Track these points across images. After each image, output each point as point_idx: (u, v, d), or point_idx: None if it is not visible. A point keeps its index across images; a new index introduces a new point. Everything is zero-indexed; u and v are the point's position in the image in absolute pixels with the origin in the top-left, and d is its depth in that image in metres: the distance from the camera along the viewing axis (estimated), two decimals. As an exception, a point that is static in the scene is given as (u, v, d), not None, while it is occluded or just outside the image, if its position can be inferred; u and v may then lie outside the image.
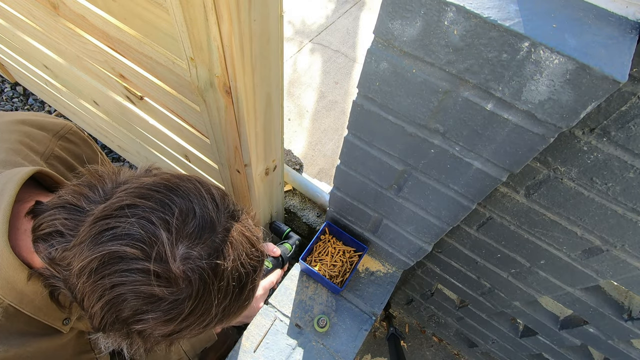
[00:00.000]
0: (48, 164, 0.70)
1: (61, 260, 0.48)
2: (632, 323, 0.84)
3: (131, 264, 0.44)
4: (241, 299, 0.54)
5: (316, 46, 2.77)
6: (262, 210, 1.33)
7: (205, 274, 0.47)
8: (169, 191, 0.49)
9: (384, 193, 0.91)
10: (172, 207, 0.48)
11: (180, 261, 0.46)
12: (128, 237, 0.45)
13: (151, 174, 0.55)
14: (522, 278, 0.97)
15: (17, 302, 0.53)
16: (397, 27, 0.54)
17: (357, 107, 0.72)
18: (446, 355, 1.94)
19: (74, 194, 0.52)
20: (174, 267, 0.45)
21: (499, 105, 0.54)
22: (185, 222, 0.48)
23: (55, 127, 0.74)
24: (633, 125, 0.54)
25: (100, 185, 0.52)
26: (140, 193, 0.48)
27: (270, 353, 1.07)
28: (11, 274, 0.51)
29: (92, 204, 0.50)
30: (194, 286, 0.46)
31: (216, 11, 0.61)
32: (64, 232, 0.49)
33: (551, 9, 0.47)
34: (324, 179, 2.09)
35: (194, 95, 0.87)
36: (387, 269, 1.24)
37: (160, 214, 0.46)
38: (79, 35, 0.98)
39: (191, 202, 0.49)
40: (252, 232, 0.56)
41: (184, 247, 0.46)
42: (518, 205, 0.78)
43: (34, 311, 0.55)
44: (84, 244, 0.46)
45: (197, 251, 0.47)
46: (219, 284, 0.49)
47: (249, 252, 0.53)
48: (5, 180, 0.53)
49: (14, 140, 0.66)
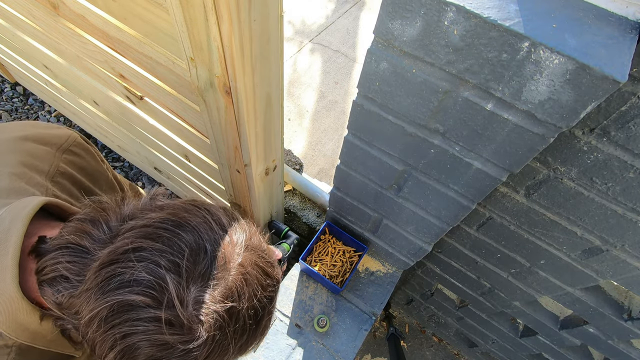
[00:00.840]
0: (53, 182, 0.68)
1: (69, 307, 0.47)
2: (632, 323, 0.84)
3: (141, 312, 0.43)
4: (258, 332, 0.53)
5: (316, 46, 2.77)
6: (262, 210, 1.33)
7: (221, 318, 0.45)
8: (177, 228, 0.47)
9: (384, 193, 0.91)
10: (181, 246, 0.46)
11: (192, 306, 0.44)
12: (136, 284, 0.43)
13: (157, 206, 0.52)
14: (522, 278, 0.97)
15: (31, 341, 0.52)
16: (397, 27, 0.54)
17: (357, 107, 0.72)
18: (446, 355, 1.94)
19: (77, 232, 0.50)
20: (187, 314, 0.43)
21: (499, 105, 0.54)
22: (197, 263, 0.45)
23: (58, 140, 0.72)
24: (633, 125, 0.54)
25: (104, 221, 0.50)
26: (147, 233, 0.46)
27: (270, 353, 1.07)
28: (24, 318, 0.50)
29: (96, 242, 0.49)
30: (208, 332, 0.44)
31: (216, 11, 0.61)
32: (70, 277, 0.47)
33: (551, 9, 0.47)
34: (324, 179, 2.09)
35: (194, 95, 0.87)
36: (387, 269, 1.24)
37: (169, 256, 0.45)
38: (79, 35, 0.98)
39: (201, 239, 0.47)
40: (265, 260, 0.54)
41: (197, 291, 0.44)
42: (518, 205, 0.78)
43: (47, 344, 0.55)
44: (91, 291, 0.44)
45: (210, 294, 0.45)
46: (235, 326, 0.47)
47: (264, 284, 0.51)
48: (12, 217, 0.52)
49: (16, 162, 0.64)
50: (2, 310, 0.48)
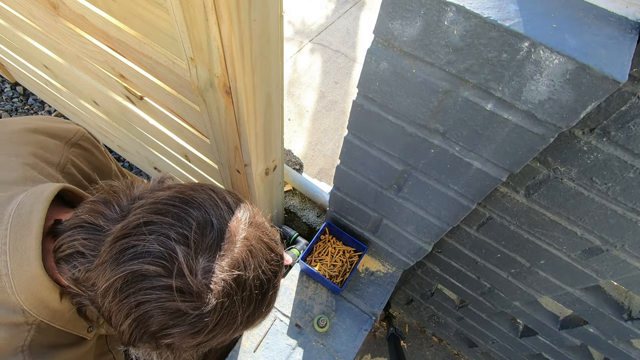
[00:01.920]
0: (64, 174, 0.70)
1: (85, 281, 0.49)
2: (632, 323, 0.84)
3: (154, 281, 0.45)
4: (264, 304, 0.54)
5: (316, 46, 2.77)
6: (262, 210, 1.33)
7: (228, 286, 0.47)
8: (184, 204, 0.50)
9: (384, 193, 0.91)
10: (189, 220, 0.48)
11: (201, 275, 0.46)
12: (149, 255, 0.45)
13: (165, 186, 0.55)
14: (522, 278, 0.97)
15: (50, 319, 0.55)
16: (397, 27, 0.54)
17: (357, 107, 0.72)
18: (446, 355, 1.94)
19: (90, 212, 0.52)
20: (196, 282, 0.45)
21: (499, 105, 0.54)
22: (204, 235, 0.48)
23: (67, 134, 0.74)
24: (633, 125, 0.54)
25: (115, 202, 0.53)
26: (157, 209, 0.49)
27: (270, 353, 1.07)
28: (46, 295, 0.52)
29: (109, 221, 0.51)
30: (217, 299, 0.47)
31: (216, 11, 0.61)
32: (85, 252, 0.50)
33: (551, 9, 0.47)
34: (324, 179, 2.09)
35: (194, 95, 0.87)
36: (387, 269, 1.24)
37: (178, 229, 0.47)
38: (79, 35, 0.98)
39: (208, 214, 0.50)
40: (269, 237, 0.56)
41: (205, 261, 0.47)
42: (518, 205, 0.78)
43: (63, 324, 0.57)
44: (106, 264, 0.46)
45: (217, 263, 0.47)
46: (242, 294, 0.49)
47: (269, 258, 0.54)
48: (32, 201, 0.54)
49: (28, 153, 0.66)
50: (26, 288, 0.51)
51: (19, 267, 0.50)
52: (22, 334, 0.53)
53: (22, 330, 0.53)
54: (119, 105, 1.30)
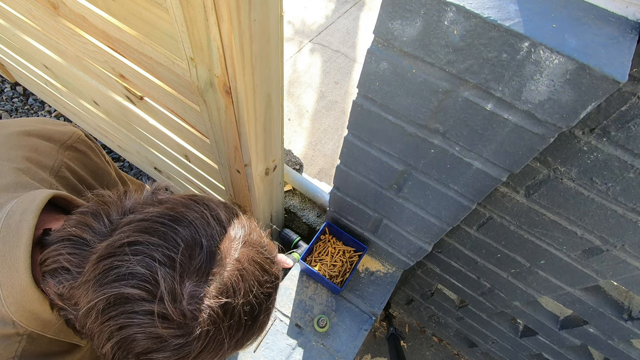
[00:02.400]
0: (58, 177, 0.69)
1: (69, 298, 0.48)
2: (632, 323, 0.84)
3: (136, 305, 0.43)
4: (255, 328, 0.53)
5: (316, 46, 2.77)
6: (262, 210, 1.33)
7: (215, 313, 0.45)
8: (174, 222, 0.48)
9: (384, 193, 0.91)
10: (177, 241, 0.46)
11: (187, 301, 0.44)
12: (132, 278, 0.44)
13: (157, 200, 0.53)
14: (522, 278, 0.97)
15: (41, 329, 0.54)
16: (397, 27, 0.54)
17: (357, 107, 0.72)
18: (446, 355, 1.94)
19: (78, 224, 0.51)
20: (181, 308, 0.44)
21: (499, 105, 0.54)
22: (192, 257, 0.46)
23: (62, 136, 0.72)
24: (633, 125, 0.54)
25: (105, 214, 0.51)
26: (144, 227, 0.47)
27: (270, 353, 1.07)
28: (36, 307, 0.51)
29: (97, 235, 0.49)
30: (202, 327, 0.45)
31: (216, 11, 0.61)
32: (70, 268, 0.48)
33: (551, 9, 0.47)
34: (324, 179, 2.09)
35: (194, 95, 0.87)
36: (387, 269, 1.24)
37: (164, 250, 0.45)
38: (79, 35, 0.98)
39: (198, 234, 0.48)
40: (264, 256, 0.53)
41: (191, 285, 0.45)
42: (518, 205, 0.78)
43: (55, 333, 0.56)
44: (89, 283, 0.45)
45: (204, 289, 0.45)
46: (230, 322, 0.47)
47: (262, 280, 0.51)
48: (21, 210, 0.52)
49: (20, 157, 0.64)
50: (15, 299, 0.50)
51: (8, 279, 0.49)
52: (12, 345, 0.52)
53: (13, 341, 0.52)
54: (119, 105, 1.30)
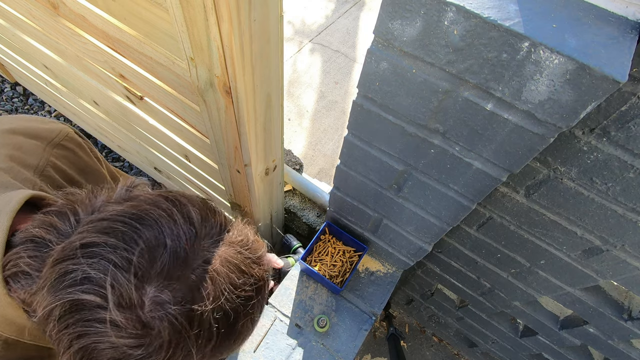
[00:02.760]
0: (43, 177, 0.66)
1: (29, 304, 0.45)
2: (632, 323, 0.84)
3: (93, 313, 0.40)
4: (233, 336, 0.48)
5: (316, 46, 2.77)
6: (262, 210, 1.33)
7: (177, 322, 0.41)
8: (136, 221, 0.43)
9: (384, 193, 0.91)
10: (137, 242, 0.42)
11: (147, 308, 0.40)
12: (87, 282, 0.40)
13: (127, 198, 0.49)
14: (522, 278, 0.97)
15: (17, 334, 0.51)
16: (397, 27, 0.54)
17: (357, 107, 0.72)
18: (446, 355, 1.94)
19: (42, 225, 0.47)
20: (138, 316, 0.40)
21: (499, 105, 0.54)
22: (153, 260, 0.41)
23: (49, 134, 0.68)
24: (633, 125, 0.54)
25: (72, 213, 0.47)
26: (103, 227, 0.43)
27: (270, 353, 1.07)
28: (10, 312, 0.48)
29: (62, 236, 0.46)
30: (164, 337, 0.41)
31: (216, 11, 0.61)
32: (30, 273, 0.45)
33: (551, 9, 0.47)
34: (324, 179, 2.09)
35: (194, 95, 0.87)
36: (387, 269, 1.24)
37: (122, 253, 0.41)
38: (79, 35, 0.98)
39: (161, 233, 0.43)
40: (244, 255, 0.49)
41: (153, 290, 0.41)
42: (518, 205, 0.78)
43: (32, 339, 0.53)
44: (45, 289, 0.42)
45: (166, 295, 0.41)
46: (197, 331, 0.43)
47: (238, 283, 0.46)
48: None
49: (4, 156, 0.61)
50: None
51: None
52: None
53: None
54: (119, 105, 1.30)
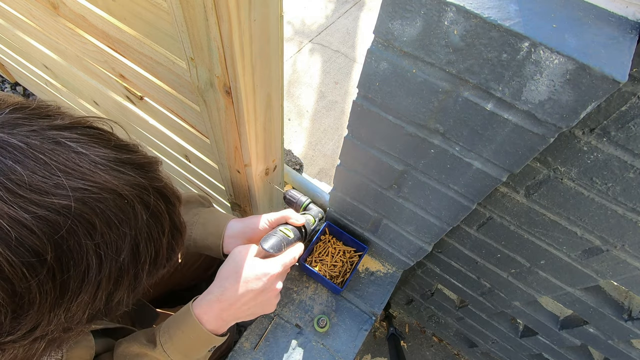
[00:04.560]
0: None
1: None
2: (632, 323, 0.84)
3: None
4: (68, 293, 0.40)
5: (316, 46, 2.77)
6: (262, 210, 1.33)
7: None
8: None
9: (383, 193, 0.91)
10: None
11: None
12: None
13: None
14: (522, 278, 0.97)
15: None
16: (397, 27, 0.54)
17: (357, 107, 0.72)
18: (446, 355, 1.94)
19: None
20: None
21: (499, 105, 0.54)
22: None
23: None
24: (633, 125, 0.54)
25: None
26: None
27: (270, 353, 1.07)
28: None
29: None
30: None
31: (216, 11, 0.61)
32: None
33: (551, 9, 0.47)
34: (324, 179, 2.09)
35: (194, 95, 0.87)
36: (387, 269, 1.24)
37: None
38: (79, 35, 0.98)
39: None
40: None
41: None
42: (518, 205, 0.78)
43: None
44: None
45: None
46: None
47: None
48: None
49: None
50: None
51: None
52: None
53: None
54: (119, 105, 1.30)
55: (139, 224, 0.45)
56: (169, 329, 0.74)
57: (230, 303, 0.75)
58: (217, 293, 0.75)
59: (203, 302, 0.75)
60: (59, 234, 0.37)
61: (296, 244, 0.91)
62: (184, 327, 0.73)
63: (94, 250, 0.41)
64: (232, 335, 1.27)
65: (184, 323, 0.74)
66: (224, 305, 0.75)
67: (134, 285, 0.48)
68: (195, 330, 0.73)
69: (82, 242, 0.39)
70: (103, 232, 0.41)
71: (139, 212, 0.45)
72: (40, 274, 0.37)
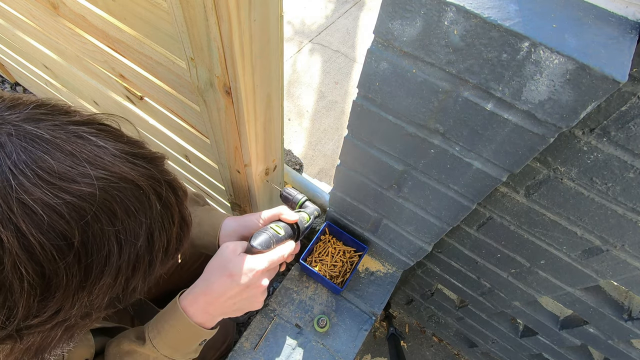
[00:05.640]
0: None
1: None
2: (632, 323, 0.84)
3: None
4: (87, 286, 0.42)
5: (316, 46, 2.77)
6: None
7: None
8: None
9: (384, 193, 0.91)
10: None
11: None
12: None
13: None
14: (522, 278, 0.97)
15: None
16: (397, 27, 0.54)
17: (357, 107, 0.72)
18: (446, 355, 1.94)
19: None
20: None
21: (499, 105, 0.54)
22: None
23: None
24: (633, 125, 0.54)
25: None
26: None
27: (270, 353, 1.07)
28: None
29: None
30: None
31: (216, 11, 0.61)
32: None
33: (551, 9, 0.47)
34: (324, 179, 2.09)
35: (194, 95, 0.87)
36: (387, 269, 1.24)
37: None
38: (79, 35, 0.98)
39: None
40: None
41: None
42: (518, 205, 0.78)
43: None
44: None
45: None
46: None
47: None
48: None
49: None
50: None
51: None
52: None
53: None
54: (119, 105, 1.30)
55: (154, 213, 0.48)
56: (157, 324, 0.74)
57: (215, 297, 0.75)
58: (203, 286, 0.76)
59: (189, 295, 0.76)
60: (84, 219, 0.40)
61: (287, 241, 0.90)
62: (171, 321, 0.73)
63: (115, 236, 0.44)
64: (232, 335, 1.27)
65: (171, 316, 0.74)
66: (209, 298, 0.75)
67: (149, 272, 0.51)
68: (182, 323, 0.73)
69: (104, 228, 0.42)
70: (123, 219, 0.44)
71: (153, 202, 0.48)
72: (67, 257, 0.39)
